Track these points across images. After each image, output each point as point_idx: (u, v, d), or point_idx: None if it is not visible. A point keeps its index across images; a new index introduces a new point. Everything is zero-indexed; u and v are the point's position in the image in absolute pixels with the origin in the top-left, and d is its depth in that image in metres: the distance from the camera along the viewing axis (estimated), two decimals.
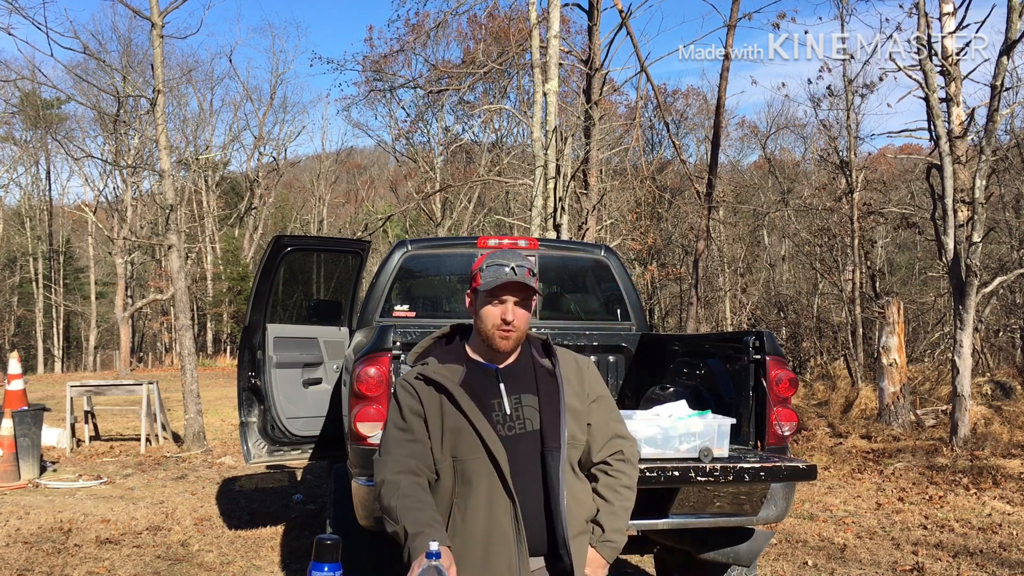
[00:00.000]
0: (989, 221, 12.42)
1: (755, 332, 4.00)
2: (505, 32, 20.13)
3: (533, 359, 2.24)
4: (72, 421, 10.42)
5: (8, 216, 39.31)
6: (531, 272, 2.17)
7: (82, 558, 5.55)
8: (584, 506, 2.19)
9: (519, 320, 2.15)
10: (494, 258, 2.18)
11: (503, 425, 2.13)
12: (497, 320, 2.14)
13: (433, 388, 2.15)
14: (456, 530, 2.08)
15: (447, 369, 2.19)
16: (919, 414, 11.57)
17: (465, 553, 2.05)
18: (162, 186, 11.51)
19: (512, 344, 2.18)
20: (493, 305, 2.15)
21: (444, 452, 2.12)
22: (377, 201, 41.68)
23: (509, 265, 2.14)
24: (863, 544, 5.91)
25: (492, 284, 2.13)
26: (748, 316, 23.31)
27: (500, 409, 2.15)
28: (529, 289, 2.15)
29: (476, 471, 2.09)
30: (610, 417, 2.28)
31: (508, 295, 2.14)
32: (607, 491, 2.22)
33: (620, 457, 2.25)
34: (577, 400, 2.20)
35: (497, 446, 2.08)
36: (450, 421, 2.12)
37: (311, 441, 5.53)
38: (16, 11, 12.58)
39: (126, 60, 31.90)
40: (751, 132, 31.28)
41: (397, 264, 5.16)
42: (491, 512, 2.07)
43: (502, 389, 2.17)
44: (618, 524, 2.21)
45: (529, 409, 2.16)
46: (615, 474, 2.23)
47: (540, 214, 10.77)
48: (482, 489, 2.08)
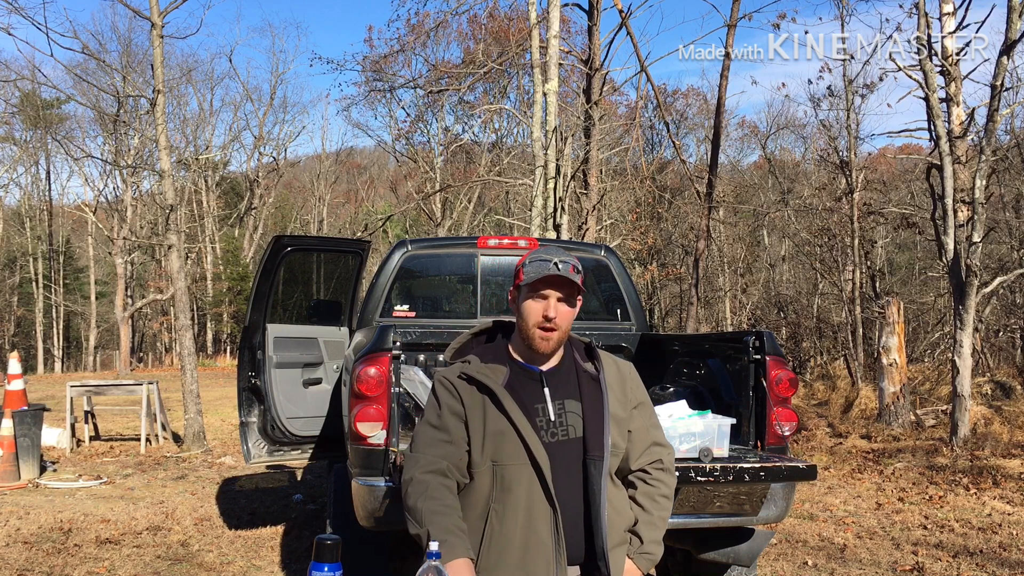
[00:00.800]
0: (989, 221, 12.42)
1: (755, 332, 3.99)
2: (505, 32, 20.13)
3: (576, 363, 2.17)
4: (72, 421, 10.42)
5: (8, 216, 39.31)
6: (576, 269, 2.09)
7: (82, 558, 5.55)
8: (623, 516, 2.14)
9: (561, 318, 2.07)
10: (539, 253, 2.11)
11: (546, 431, 2.06)
12: (539, 317, 2.06)
13: (476, 388, 2.08)
14: (493, 536, 2.02)
15: (490, 369, 2.11)
16: (919, 414, 11.57)
17: (501, 560, 2.00)
18: (162, 186, 11.51)
19: (553, 345, 2.10)
20: (535, 300, 2.07)
21: (484, 456, 2.04)
22: (377, 201, 41.70)
23: (553, 260, 2.06)
24: (863, 544, 5.91)
25: (534, 278, 2.06)
26: (748, 316, 23.32)
27: (544, 415, 2.07)
28: (573, 285, 2.07)
29: (516, 477, 2.02)
30: (650, 424, 2.22)
31: (551, 290, 2.06)
32: (646, 500, 2.17)
33: (659, 466, 2.20)
34: (620, 407, 2.14)
35: (541, 453, 2.01)
36: (492, 424, 2.04)
37: (311, 441, 5.53)
38: (16, 11, 12.58)
39: (126, 60, 31.96)
40: (751, 132, 31.32)
41: (397, 264, 5.16)
42: (530, 519, 2.00)
43: (547, 394, 2.10)
44: (656, 535, 2.16)
45: (572, 416, 2.09)
46: (654, 483, 2.19)
47: (540, 214, 10.77)
48: (521, 495, 2.01)
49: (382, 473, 3.61)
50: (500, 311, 5.55)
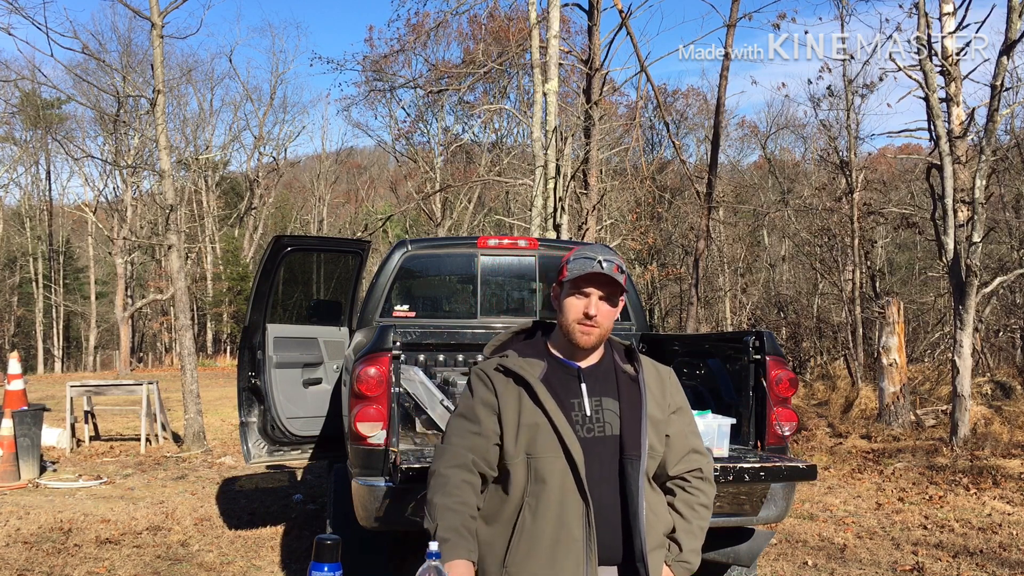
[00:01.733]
0: (989, 221, 12.42)
1: (755, 332, 3.99)
2: (505, 32, 20.13)
3: (615, 363, 2.17)
4: (72, 421, 10.42)
5: (8, 216, 39.31)
6: (620, 269, 2.09)
7: (82, 558, 5.55)
8: (661, 519, 2.12)
9: (603, 316, 2.08)
10: (583, 250, 2.13)
11: (582, 426, 2.06)
12: (579, 313, 2.07)
13: (512, 381, 2.08)
14: (524, 529, 2.01)
15: (527, 363, 2.12)
16: (919, 414, 11.57)
17: (531, 554, 2.00)
18: (162, 186, 11.51)
19: (594, 340, 2.10)
20: (577, 297, 2.08)
21: (518, 448, 2.04)
22: (377, 201, 41.69)
23: (597, 258, 2.07)
24: (863, 544, 5.91)
25: (577, 274, 2.07)
26: (748, 316, 23.33)
27: (580, 409, 2.08)
28: (615, 284, 2.08)
29: (550, 469, 2.01)
30: (688, 430, 2.21)
31: (593, 288, 2.07)
32: (685, 508, 2.16)
33: (699, 475, 2.19)
34: (658, 409, 2.14)
35: (575, 446, 2.01)
36: (527, 416, 2.04)
37: (311, 441, 5.53)
38: (16, 11, 12.57)
39: (126, 60, 31.96)
40: (751, 132, 31.31)
41: (397, 264, 5.16)
42: (562, 514, 2.00)
43: (583, 389, 2.10)
44: (695, 544, 2.15)
45: (609, 413, 2.09)
46: (694, 492, 2.17)
47: (540, 214, 10.77)
48: (555, 489, 2.00)
49: (382, 473, 3.61)
50: (500, 311, 5.55)
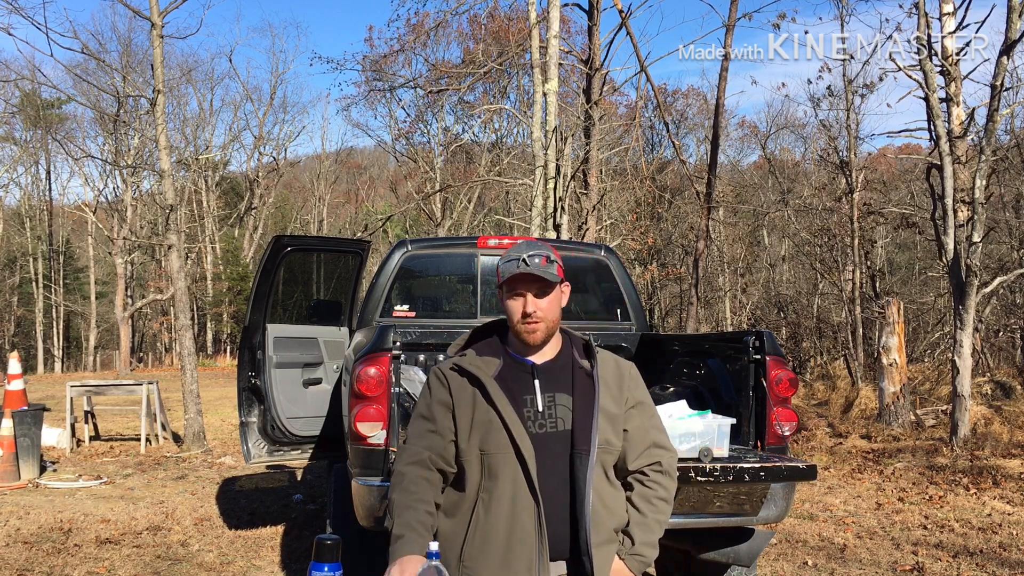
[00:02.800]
0: (989, 221, 12.42)
1: (755, 332, 3.99)
2: (505, 32, 20.14)
3: (573, 359, 2.20)
4: (72, 421, 10.42)
5: (8, 216, 39.30)
6: (548, 259, 2.13)
7: (82, 558, 5.55)
8: (615, 514, 2.14)
9: (542, 311, 2.11)
10: (510, 252, 2.17)
11: (534, 422, 2.09)
12: (519, 314, 2.13)
13: (467, 380, 2.13)
14: (478, 525, 2.05)
15: (483, 361, 2.16)
16: (919, 414, 11.57)
17: (485, 549, 2.03)
18: (162, 186, 11.51)
19: (541, 336, 2.13)
20: (513, 299, 2.14)
21: (471, 444, 2.08)
22: (377, 201, 41.69)
23: (521, 257, 2.11)
24: (863, 544, 5.91)
25: (506, 277, 2.13)
26: (748, 316, 23.33)
27: (532, 405, 2.11)
28: (545, 279, 2.11)
29: (502, 466, 2.05)
30: (650, 424, 2.22)
31: (524, 287, 2.12)
32: (641, 502, 2.17)
33: (658, 468, 2.19)
34: (613, 404, 2.15)
35: (525, 442, 2.04)
36: (480, 414, 2.08)
37: (311, 441, 5.54)
38: (16, 11, 12.59)
39: (126, 60, 31.93)
40: (751, 132, 31.31)
41: (397, 264, 5.16)
42: (514, 510, 2.03)
43: (536, 385, 2.13)
44: (649, 537, 2.15)
45: (562, 408, 2.11)
46: (651, 485, 2.18)
47: (540, 214, 10.77)
48: (507, 485, 2.04)
49: (382, 473, 3.61)
50: (500, 311, 5.54)
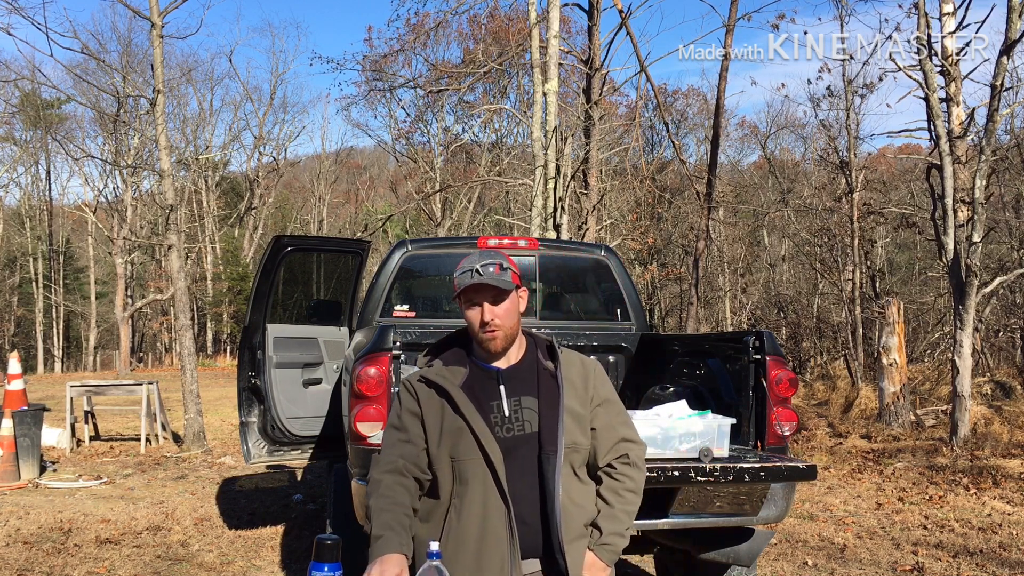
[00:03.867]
0: (989, 221, 12.42)
1: (755, 332, 3.99)
2: (505, 32, 20.14)
3: (537, 361, 2.22)
4: (72, 421, 10.42)
5: (8, 216, 39.29)
6: (501, 267, 2.14)
7: (82, 558, 5.55)
8: (584, 510, 2.17)
9: (500, 318, 2.13)
10: (463, 262, 2.17)
11: (501, 427, 2.13)
12: (477, 323, 2.15)
13: (434, 391, 2.16)
14: (451, 530, 2.09)
15: (450, 371, 2.19)
16: (919, 414, 11.57)
17: (458, 553, 2.06)
18: (162, 186, 11.51)
19: (501, 343, 2.16)
20: (470, 309, 2.15)
21: (442, 452, 2.12)
22: (377, 201, 41.68)
23: (474, 267, 2.13)
24: (863, 544, 5.91)
25: (460, 289, 2.14)
26: (748, 316, 23.32)
27: (499, 411, 2.14)
28: (498, 288, 2.12)
29: (472, 472, 2.09)
30: (617, 421, 2.24)
31: (479, 297, 2.13)
32: (608, 494, 2.21)
33: (625, 460, 2.22)
34: (579, 403, 2.18)
35: (493, 448, 2.08)
36: (449, 423, 2.12)
37: (311, 441, 5.54)
38: (16, 11, 12.60)
39: (126, 60, 31.91)
40: (751, 132, 31.32)
41: (397, 264, 5.16)
42: (485, 514, 2.07)
43: (502, 391, 2.16)
44: (617, 527, 2.19)
45: (528, 411, 2.14)
46: (618, 477, 2.21)
47: (540, 214, 10.77)
48: (477, 490, 2.08)
49: None
50: None
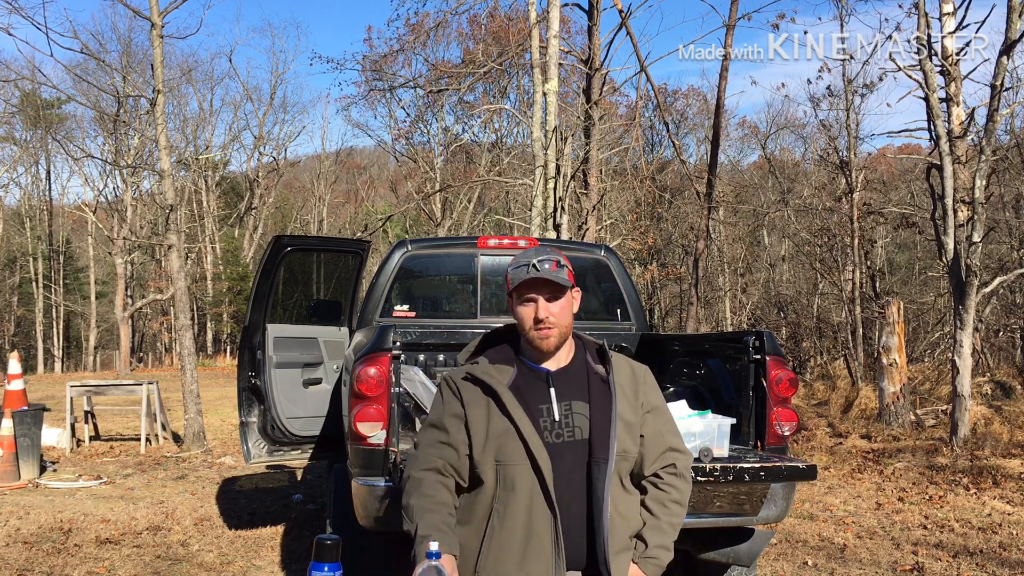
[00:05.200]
0: (989, 221, 12.42)
1: (755, 332, 3.99)
2: (505, 32, 20.13)
3: (587, 364, 2.16)
4: (72, 421, 10.41)
5: (8, 216, 39.29)
6: (558, 264, 2.10)
7: (82, 558, 5.55)
8: (630, 522, 2.10)
9: (555, 316, 2.07)
10: (519, 257, 2.13)
11: (550, 432, 2.06)
12: (531, 320, 2.09)
13: (480, 389, 2.09)
14: (493, 535, 2.02)
15: (497, 369, 2.12)
16: (919, 414, 11.57)
17: (500, 560, 2.00)
18: (162, 186, 11.51)
19: (555, 342, 2.10)
20: (524, 305, 2.10)
21: (487, 455, 2.05)
22: (377, 201, 41.69)
23: (531, 262, 2.08)
24: (863, 544, 5.91)
25: (515, 284, 2.09)
26: (748, 316, 23.33)
27: (549, 415, 2.07)
28: (556, 284, 2.08)
29: (519, 477, 2.01)
30: (665, 429, 2.18)
31: (535, 293, 2.08)
32: (655, 505, 2.14)
33: (672, 471, 2.15)
34: (630, 410, 2.11)
35: (542, 453, 2.00)
36: (496, 425, 2.05)
37: (311, 441, 5.53)
38: (16, 11, 12.59)
39: (126, 60, 31.91)
40: (751, 132, 31.32)
41: (397, 264, 5.16)
42: (530, 521, 2.00)
43: (552, 394, 2.09)
44: (663, 540, 2.12)
45: (579, 417, 2.08)
46: (665, 488, 2.15)
47: (540, 214, 10.77)
48: (523, 496, 2.01)
49: (382, 473, 3.61)
50: (500, 311, 5.55)
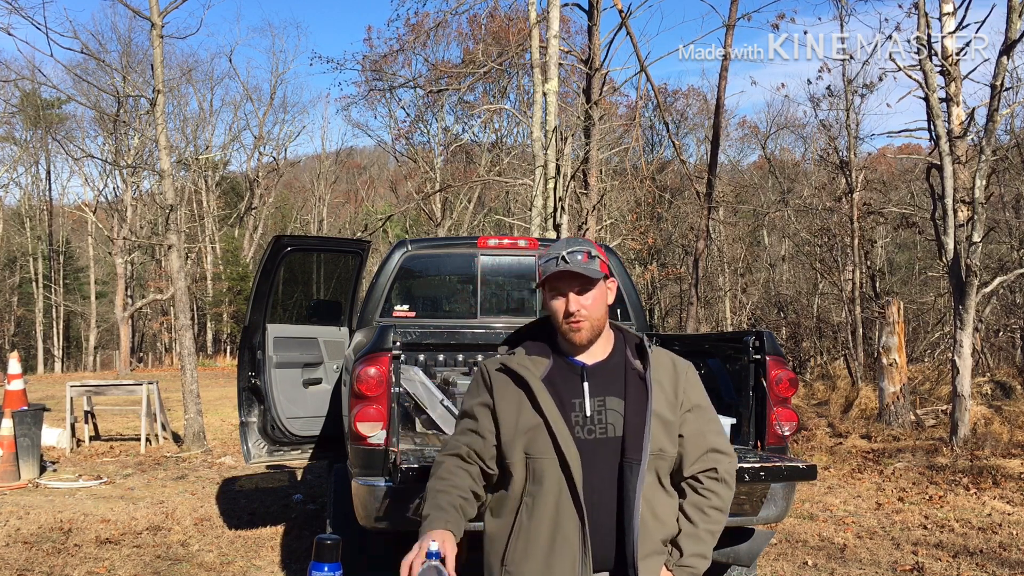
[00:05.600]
0: (989, 221, 12.42)
1: (755, 332, 3.99)
2: (505, 32, 20.13)
3: (626, 359, 2.09)
4: (72, 421, 10.41)
5: (8, 216, 39.30)
6: (590, 255, 2.04)
7: (82, 558, 5.55)
8: (665, 525, 2.02)
9: (587, 308, 2.02)
10: (550, 249, 2.09)
11: (582, 428, 2.00)
12: (561, 314, 2.04)
13: (512, 381, 2.05)
14: (521, 528, 1.98)
15: (532, 361, 2.08)
16: (919, 414, 11.58)
17: (528, 555, 1.97)
18: (162, 186, 11.51)
19: (588, 334, 2.04)
20: (555, 298, 2.05)
21: (516, 447, 2.01)
22: (377, 201, 41.70)
23: (560, 254, 2.03)
24: (863, 544, 5.91)
25: (547, 276, 2.04)
26: (748, 316, 23.33)
27: (580, 410, 2.01)
28: (585, 276, 2.02)
29: (547, 472, 1.97)
30: (708, 428, 2.09)
31: (565, 286, 2.03)
32: (692, 511, 2.05)
33: (713, 475, 2.06)
34: (668, 408, 2.03)
35: (571, 449, 1.95)
36: (526, 418, 2.01)
37: (311, 441, 5.53)
38: (16, 11, 12.60)
39: (126, 60, 31.93)
40: (751, 132, 31.33)
41: (397, 264, 5.16)
42: (557, 518, 1.95)
43: (585, 388, 2.03)
44: (700, 549, 2.03)
45: (613, 413, 2.01)
46: (705, 493, 2.06)
47: (540, 214, 10.78)
48: (551, 492, 1.96)
49: (382, 473, 3.61)
50: (500, 311, 5.55)
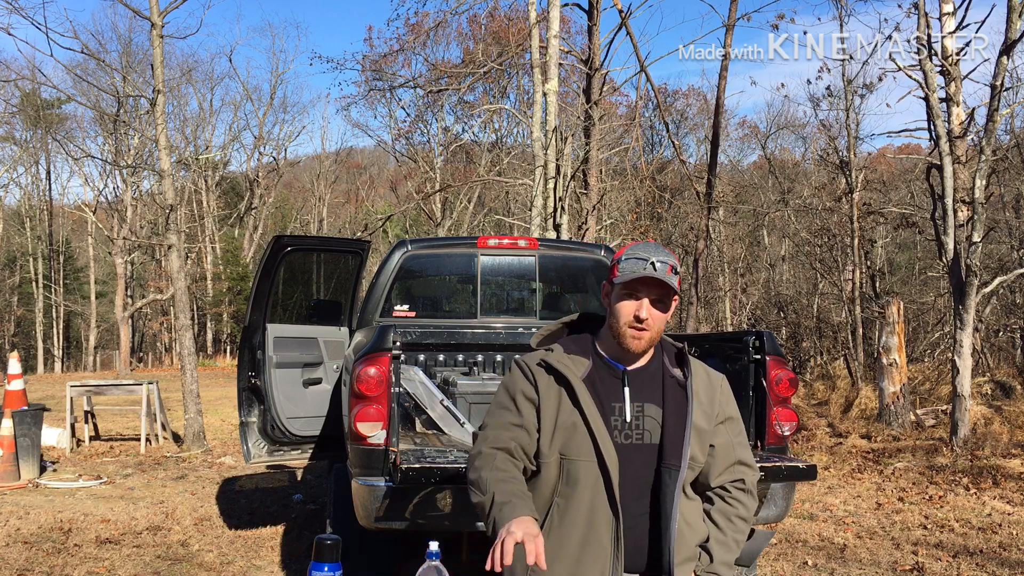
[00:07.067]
0: (989, 221, 12.42)
1: (755, 332, 4.00)
2: (505, 32, 20.14)
3: (664, 367, 2.09)
4: (72, 421, 10.41)
5: (8, 216, 39.31)
6: (674, 270, 2.01)
7: (82, 558, 5.55)
8: (696, 530, 2.06)
9: (654, 320, 2.00)
10: (636, 250, 2.04)
11: (620, 432, 2.00)
12: (630, 317, 1.99)
13: (554, 378, 2.03)
14: (552, 529, 1.97)
15: (572, 360, 2.05)
16: (919, 414, 11.57)
17: (558, 556, 1.95)
18: (162, 186, 11.51)
19: (644, 344, 2.02)
20: (628, 300, 2.00)
21: (552, 447, 2.00)
22: (377, 201, 41.70)
23: (651, 259, 1.99)
24: (863, 544, 5.91)
25: (628, 277, 1.98)
26: (748, 316, 23.33)
27: (620, 414, 2.01)
28: (668, 288, 2.00)
29: (583, 474, 1.96)
30: (737, 441, 2.12)
31: (644, 291, 1.99)
32: (722, 519, 2.08)
33: (741, 486, 2.10)
34: (704, 419, 2.05)
35: (610, 452, 1.95)
36: (565, 416, 1.99)
37: (311, 441, 5.53)
38: (16, 11, 12.59)
39: (126, 60, 31.95)
40: (751, 132, 31.37)
41: (397, 264, 5.16)
42: (591, 521, 1.95)
43: (626, 393, 2.03)
44: (728, 556, 2.07)
45: (651, 420, 2.02)
46: (733, 503, 2.09)
47: (540, 214, 10.78)
48: (586, 493, 1.96)
49: (382, 473, 3.61)
50: (500, 311, 5.55)
